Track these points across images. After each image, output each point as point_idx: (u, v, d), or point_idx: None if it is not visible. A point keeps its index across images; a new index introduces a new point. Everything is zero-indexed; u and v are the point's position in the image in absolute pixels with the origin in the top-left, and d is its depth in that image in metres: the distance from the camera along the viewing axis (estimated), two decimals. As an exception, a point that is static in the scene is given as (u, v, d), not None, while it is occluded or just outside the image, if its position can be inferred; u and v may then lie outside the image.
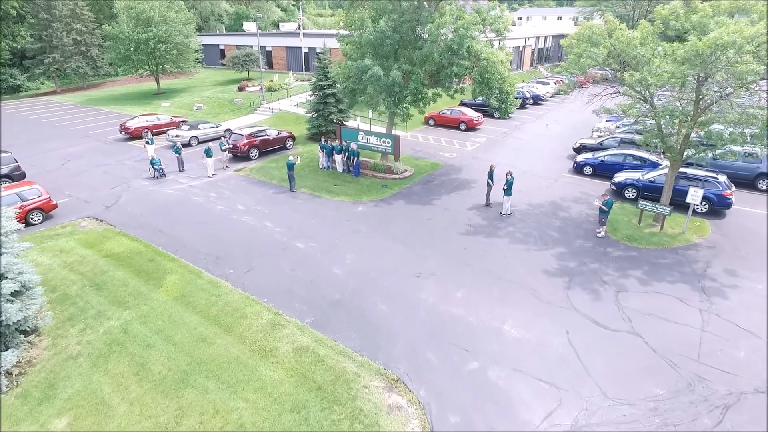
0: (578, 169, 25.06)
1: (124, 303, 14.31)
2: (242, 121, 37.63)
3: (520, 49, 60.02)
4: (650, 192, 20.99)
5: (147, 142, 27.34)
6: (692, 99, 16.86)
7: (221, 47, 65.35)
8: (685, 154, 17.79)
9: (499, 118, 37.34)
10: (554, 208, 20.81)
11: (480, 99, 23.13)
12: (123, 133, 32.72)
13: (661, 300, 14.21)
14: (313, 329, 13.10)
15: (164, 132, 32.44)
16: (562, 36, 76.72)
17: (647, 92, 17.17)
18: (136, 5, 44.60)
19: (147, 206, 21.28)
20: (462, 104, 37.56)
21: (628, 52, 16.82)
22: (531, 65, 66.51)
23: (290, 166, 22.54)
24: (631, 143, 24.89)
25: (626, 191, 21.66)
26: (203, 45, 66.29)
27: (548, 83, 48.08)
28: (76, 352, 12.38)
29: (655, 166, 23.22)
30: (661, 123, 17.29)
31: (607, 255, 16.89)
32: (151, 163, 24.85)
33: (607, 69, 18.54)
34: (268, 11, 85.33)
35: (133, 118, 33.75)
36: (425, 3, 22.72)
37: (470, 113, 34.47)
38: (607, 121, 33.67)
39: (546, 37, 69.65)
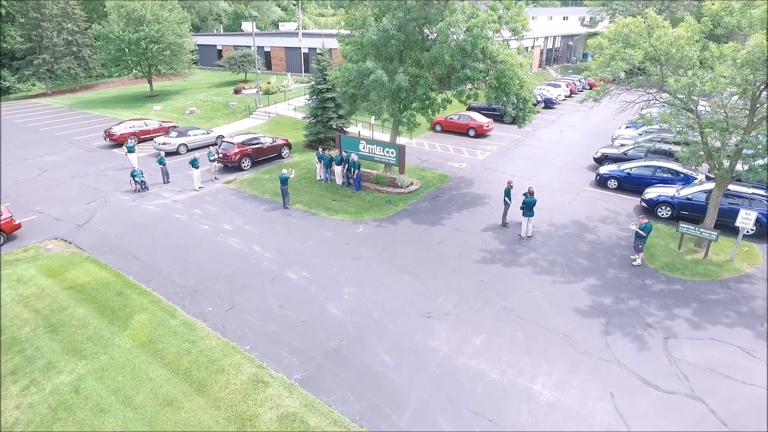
0: (601, 182, 22.72)
1: (80, 351, 12.05)
2: (236, 126, 35.41)
3: (529, 49, 57.68)
4: (687, 211, 18.66)
5: (128, 151, 25.10)
6: (745, 108, 14.55)
7: (218, 48, 63.20)
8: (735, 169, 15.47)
9: (510, 123, 35.00)
10: (579, 229, 18.49)
11: (493, 104, 20.76)
12: (107, 139, 30.52)
13: (720, 350, 11.89)
14: (303, 388, 10.83)
15: (153, 138, 30.14)
16: (571, 36, 74.64)
17: (693, 100, 14.84)
18: (127, 4, 42.42)
19: (123, 225, 19.04)
20: (470, 108, 35.16)
21: (672, 54, 14.48)
22: (540, 66, 64.16)
23: (283, 181, 20.28)
24: (666, 154, 22.44)
25: (659, 209, 19.31)
26: (199, 45, 64.27)
27: (559, 86, 45.72)
28: (12, 420, 10.12)
29: (688, 179, 20.90)
30: (709, 136, 14.96)
31: (647, 289, 14.56)
32: (132, 175, 22.61)
33: (643, 73, 16.21)
34: (267, 11, 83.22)
35: (119, 124, 31.54)
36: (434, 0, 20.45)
37: (479, 118, 32.15)
38: (626, 127, 31.36)
39: (555, 38, 67.27)
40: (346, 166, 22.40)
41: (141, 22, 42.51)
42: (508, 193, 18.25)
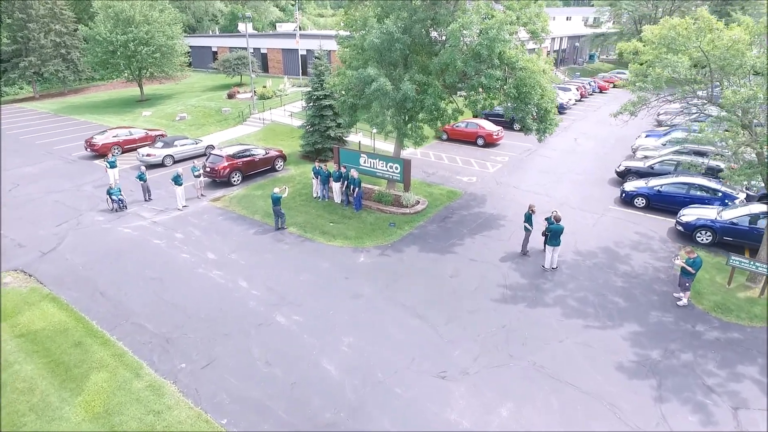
0: (628, 200, 20.53)
1: (18, 427, 9.87)
2: (229, 134, 33.22)
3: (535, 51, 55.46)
4: (731, 236, 16.50)
5: (107, 165, 22.91)
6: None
7: (214, 49, 60.98)
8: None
9: (520, 130, 32.84)
10: (610, 258, 16.30)
11: (512, 116, 18.47)
12: (88, 149, 28.32)
13: (804, 427, 9.71)
14: (290, 483, 8.65)
15: (141, 148, 27.83)
16: (578, 37, 72.40)
17: (751, 115, 12.67)
18: (115, 4, 40.23)
19: (93, 253, 16.86)
20: (477, 115, 32.98)
21: (729, 61, 12.30)
22: (545, 68, 61.99)
23: (276, 201, 18.12)
24: (711, 173, 20.14)
25: (698, 234, 17.14)
26: (194, 47, 62.09)
27: (570, 89, 43.54)
28: None
29: (726, 199, 18.72)
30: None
31: (700, 337, 12.38)
32: (109, 193, 20.42)
33: (689, 83, 14.03)
34: (265, 11, 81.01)
35: (101, 133, 29.33)
36: (443, -2, 18.30)
37: (489, 126, 29.97)
38: (646, 136, 29.20)
39: (561, 39, 65.09)
40: (345, 182, 20.21)
41: (130, 23, 40.33)
42: (529, 219, 16.07)
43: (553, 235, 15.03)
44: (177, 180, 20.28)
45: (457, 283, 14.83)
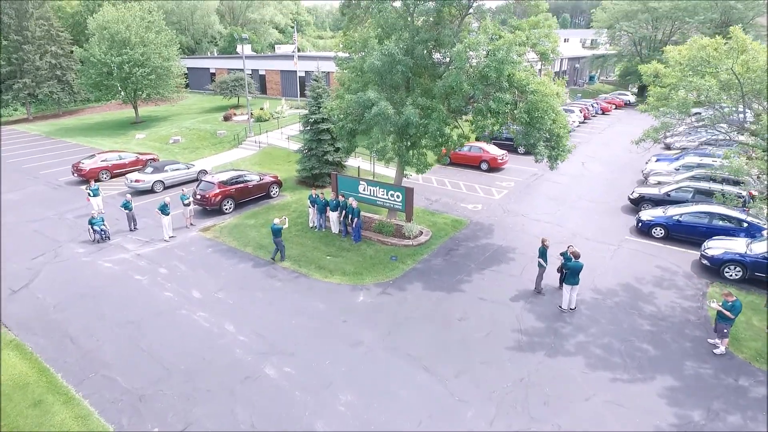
0: (644, 230, 19.25)
1: None
2: (223, 158, 32.10)
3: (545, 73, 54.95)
4: (765, 273, 15.13)
5: (90, 194, 21.64)
6: None
7: (212, 71, 60.50)
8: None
9: (525, 153, 31.76)
10: (632, 297, 14.91)
11: (522, 143, 17.23)
12: (76, 174, 27.12)
13: None
14: None
15: (129, 174, 26.57)
16: (578, 58, 72.29)
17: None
18: (111, 26, 39.60)
19: (68, 291, 15.45)
20: (479, 138, 31.93)
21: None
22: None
23: (276, 232, 16.83)
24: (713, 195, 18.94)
25: (726, 269, 15.80)
26: (192, 68, 61.77)
27: (573, 111, 42.70)
28: None
29: (752, 230, 17.44)
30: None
31: (745, 394, 10.92)
32: (91, 223, 19.09)
33: (716, 106, 12.90)
34: (264, 33, 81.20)
35: (91, 157, 28.18)
36: (447, 13, 17.33)
37: (493, 150, 28.87)
38: (657, 160, 28.10)
39: (562, 60, 64.85)
40: (344, 212, 18.92)
41: (125, 44, 39.64)
42: (543, 254, 14.73)
43: (571, 273, 13.68)
44: (164, 209, 18.98)
45: (466, 327, 13.40)
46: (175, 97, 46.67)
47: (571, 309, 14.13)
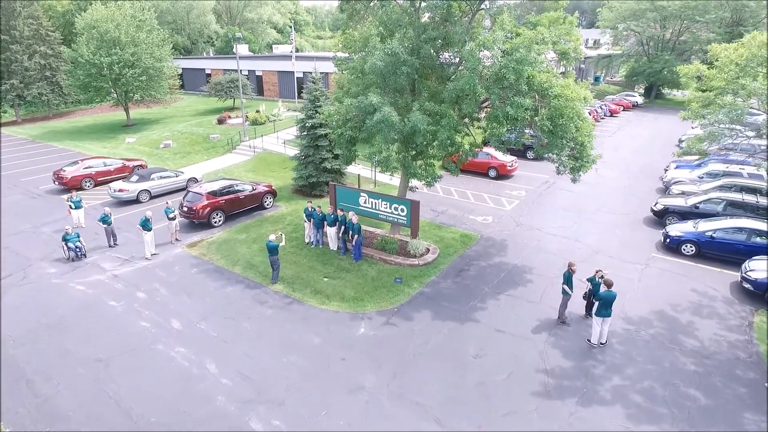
0: (672, 246, 17.53)
1: None
2: (216, 163, 30.38)
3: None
4: (817, 300, 13.42)
5: (71, 206, 19.94)
6: None
7: (207, 71, 58.74)
8: None
9: (534, 159, 30.03)
10: (669, 328, 13.17)
11: (545, 154, 15.42)
12: (57, 182, 25.38)
13: None
14: None
15: (114, 182, 24.73)
16: (583, 59, 70.45)
17: None
18: (100, 25, 37.87)
19: (31, 320, 13.71)
20: (487, 143, 30.16)
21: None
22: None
23: (272, 250, 15.13)
24: (751, 209, 17.22)
25: (773, 295, 14.08)
26: (187, 69, 60.11)
27: (582, 113, 40.95)
28: None
29: (795, 247, 15.73)
30: None
31: (819, 457, 9.20)
32: (65, 239, 17.35)
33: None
34: (262, 33, 79.46)
35: (73, 163, 26.40)
36: (458, 9, 15.62)
37: (501, 156, 27.00)
38: (676, 167, 26.37)
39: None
40: (343, 227, 17.19)
41: (115, 44, 37.89)
42: (569, 280, 12.98)
43: (603, 303, 11.94)
44: (146, 225, 17.25)
45: (483, 367, 11.66)
46: (168, 98, 44.97)
47: (601, 344, 12.40)
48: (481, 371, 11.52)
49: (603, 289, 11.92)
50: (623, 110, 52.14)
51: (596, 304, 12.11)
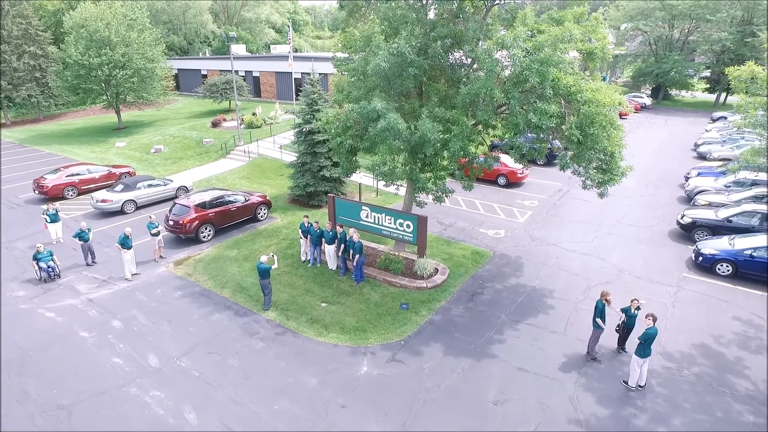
0: (706, 265, 15.94)
1: None
2: (208, 169, 28.78)
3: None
4: None
5: (47, 219, 18.34)
6: None
7: (203, 72, 57.12)
8: None
9: (545, 165, 28.47)
10: (716, 366, 11.55)
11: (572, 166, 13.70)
12: (37, 191, 23.76)
13: None
14: None
15: (97, 192, 23.08)
16: (587, 59, 68.89)
17: None
18: (89, 23, 36.25)
19: (-9, 356, 12.10)
20: (493, 147, 28.43)
21: None
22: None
23: (263, 273, 13.51)
24: None
25: (827, 325, 12.47)
26: (182, 70, 58.59)
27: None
28: None
29: None
30: None
31: None
32: (36, 258, 15.73)
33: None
34: (260, 32, 77.89)
35: (55, 171, 24.77)
36: (470, 4, 14.03)
37: (512, 163, 25.41)
38: (698, 174, 24.78)
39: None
40: (343, 245, 15.56)
41: (105, 44, 36.27)
42: (601, 313, 11.36)
43: (647, 342, 10.33)
44: (125, 243, 15.63)
45: (506, 416, 10.04)
46: (162, 100, 43.36)
47: (640, 387, 10.79)
48: (503, 421, 9.90)
49: (648, 323, 10.28)
50: (633, 112, 50.51)
51: (637, 342, 10.49)
